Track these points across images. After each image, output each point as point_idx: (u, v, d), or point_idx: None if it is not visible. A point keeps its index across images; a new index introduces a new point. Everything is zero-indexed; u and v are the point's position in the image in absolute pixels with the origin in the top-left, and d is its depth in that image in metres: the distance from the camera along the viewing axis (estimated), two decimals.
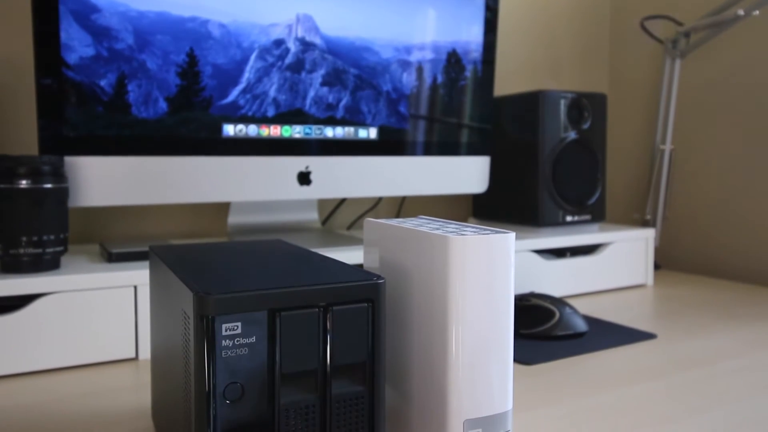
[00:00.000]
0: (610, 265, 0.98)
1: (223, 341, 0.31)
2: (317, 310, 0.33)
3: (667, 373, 0.61)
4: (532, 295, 0.76)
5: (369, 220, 0.47)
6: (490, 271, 0.37)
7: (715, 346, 0.69)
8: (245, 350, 0.31)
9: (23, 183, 0.60)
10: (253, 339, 0.31)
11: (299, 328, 0.32)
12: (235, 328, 0.31)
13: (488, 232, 0.39)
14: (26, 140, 0.83)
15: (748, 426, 0.49)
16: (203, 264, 0.39)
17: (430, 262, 0.38)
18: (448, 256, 0.37)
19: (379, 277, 0.35)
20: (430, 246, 0.38)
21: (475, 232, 0.39)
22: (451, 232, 0.39)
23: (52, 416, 0.50)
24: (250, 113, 0.77)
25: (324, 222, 1.03)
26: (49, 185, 0.61)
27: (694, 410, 0.52)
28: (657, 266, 1.17)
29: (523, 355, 0.65)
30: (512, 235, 0.38)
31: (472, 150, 0.94)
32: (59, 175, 0.63)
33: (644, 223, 1.19)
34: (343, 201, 1.04)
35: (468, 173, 0.94)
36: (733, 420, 0.50)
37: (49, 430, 0.48)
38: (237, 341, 0.31)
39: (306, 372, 0.33)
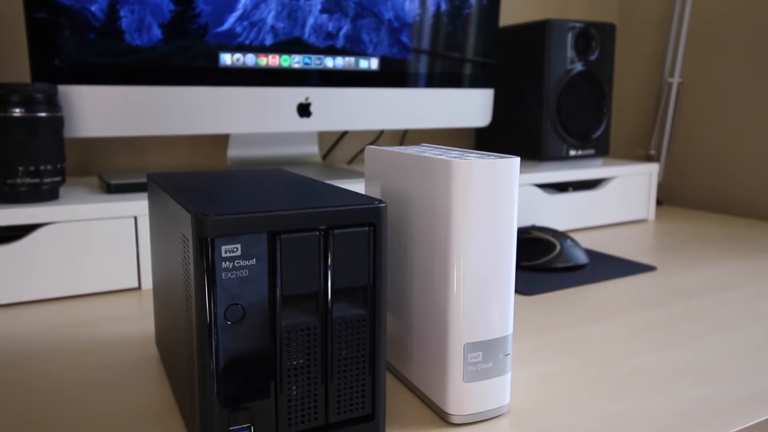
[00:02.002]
0: (613, 200, 0.98)
1: (223, 263, 0.30)
2: (318, 233, 0.32)
3: (665, 303, 0.61)
4: (534, 227, 0.76)
5: (370, 147, 0.46)
6: (493, 197, 0.37)
7: (715, 278, 0.69)
8: (245, 272, 0.31)
9: (16, 111, 0.59)
10: (253, 261, 0.31)
11: (299, 251, 0.32)
12: (235, 250, 0.31)
13: (492, 157, 0.38)
14: (17, 71, 0.81)
15: (746, 353, 0.49)
16: (202, 189, 0.38)
17: (433, 188, 0.38)
18: (451, 181, 0.36)
19: (380, 201, 0.34)
20: (433, 171, 0.38)
21: (478, 157, 0.38)
22: (455, 157, 0.38)
23: (56, 342, 0.51)
24: (247, 42, 0.75)
25: (325, 156, 1.02)
26: (43, 114, 0.60)
27: (692, 338, 0.52)
28: (659, 202, 1.17)
29: (523, 287, 0.66)
30: (517, 159, 0.38)
31: (476, 82, 0.91)
32: (53, 103, 0.61)
33: (648, 159, 1.18)
34: (344, 134, 1.03)
35: (471, 106, 0.92)
36: (731, 347, 0.50)
37: (54, 356, 0.48)
38: (237, 263, 0.31)
39: (307, 295, 0.33)
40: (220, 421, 0.32)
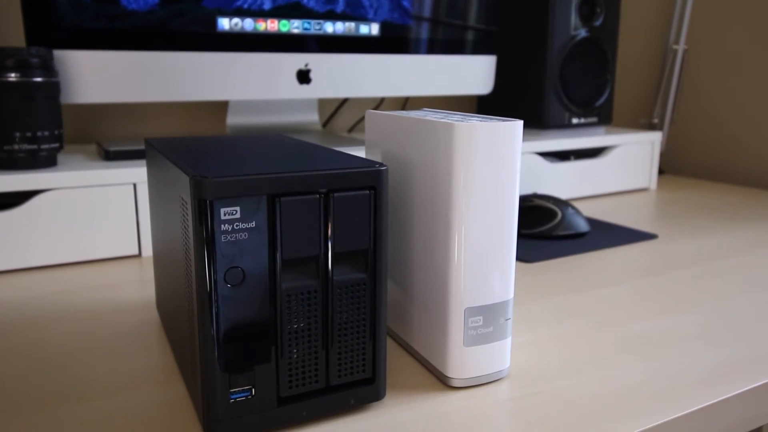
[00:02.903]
0: (614, 169, 0.97)
1: (222, 226, 0.30)
2: (318, 196, 0.32)
3: (666, 270, 0.61)
4: (535, 195, 0.75)
5: (371, 111, 0.45)
6: (496, 160, 0.36)
7: (716, 246, 0.69)
8: (245, 235, 0.31)
9: (12, 76, 0.58)
10: (252, 224, 0.31)
11: (299, 214, 0.32)
12: (234, 212, 0.30)
13: (495, 120, 0.37)
14: (12, 37, 0.80)
15: (746, 319, 0.49)
16: (201, 153, 0.38)
17: (435, 152, 0.37)
18: (452, 144, 0.36)
19: (381, 164, 0.34)
20: (435, 134, 0.37)
21: (481, 120, 0.37)
22: (457, 120, 0.37)
23: (56, 308, 0.51)
24: (245, 5, 0.73)
25: (325, 124, 1.01)
26: (39, 78, 0.59)
27: (692, 304, 0.52)
28: (661, 171, 1.16)
29: (524, 254, 0.66)
30: (519, 123, 0.37)
31: (478, 49, 0.90)
32: (49, 68, 0.60)
33: (651, 127, 1.17)
34: (344, 102, 1.02)
35: (473, 73, 0.91)
36: (731, 313, 0.50)
37: (54, 322, 0.49)
38: (236, 226, 0.31)
39: (307, 258, 0.33)
40: (221, 384, 0.32)
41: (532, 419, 0.35)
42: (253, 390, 0.33)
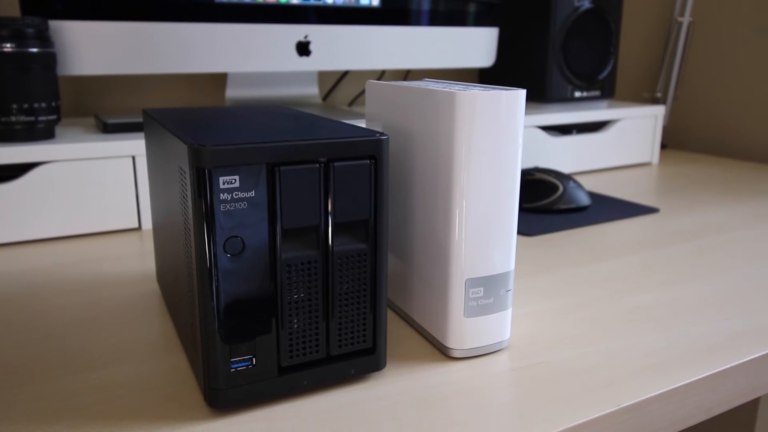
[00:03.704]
0: (617, 143, 0.96)
1: (221, 194, 0.30)
2: (318, 165, 0.32)
3: (667, 243, 0.61)
4: (537, 169, 0.75)
5: (371, 82, 0.45)
6: (498, 130, 0.36)
7: (717, 220, 0.69)
8: (244, 204, 0.30)
9: (7, 47, 0.57)
10: (252, 193, 0.31)
11: (299, 184, 0.32)
12: (233, 181, 0.30)
13: (497, 89, 0.37)
14: (7, 8, 0.78)
15: (745, 291, 0.49)
16: (199, 122, 0.37)
17: (436, 122, 0.37)
18: (454, 114, 0.35)
19: (382, 133, 0.34)
20: (436, 103, 0.37)
21: (483, 89, 0.37)
22: (458, 89, 0.37)
23: (58, 280, 0.51)
24: None
25: (325, 97, 1.00)
26: (34, 49, 0.58)
27: (692, 277, 0.52)
28: (663, 146, 1.15)
29: (525, 227, 0.66)
30: (522, 92, 0.36)
31: (480, 21, 0.89)
32: (44, 38, 0.60)
33: (654, 101, 1.16)
34: (344, 75, 1.01)
35: (474, 45, 0.90)
36: (730, 286, 0.50)
37: (54, 293, 0.49)
38: (235, 195, 0.30)
39: (307, 228, 0.32)
40: (222, 354, 0.32)
41: (532, 389, 0.35)
42: (254, 359, 0.33)
